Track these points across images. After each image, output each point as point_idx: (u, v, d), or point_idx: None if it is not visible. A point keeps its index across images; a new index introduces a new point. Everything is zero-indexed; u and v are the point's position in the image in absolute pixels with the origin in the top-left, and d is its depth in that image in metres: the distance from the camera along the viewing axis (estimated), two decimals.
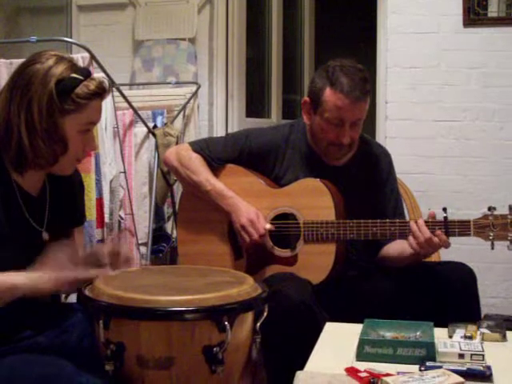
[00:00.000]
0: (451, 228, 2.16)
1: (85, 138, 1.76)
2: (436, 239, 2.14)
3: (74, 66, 1.73)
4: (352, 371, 1.63)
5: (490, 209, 2.15)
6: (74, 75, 1.69)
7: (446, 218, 2.17)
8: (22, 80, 1.68)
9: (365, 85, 2.25)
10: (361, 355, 1.73)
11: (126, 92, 3.39)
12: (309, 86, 2.39)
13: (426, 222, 2.18)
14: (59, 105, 1.67)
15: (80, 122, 1.72)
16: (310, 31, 5.51)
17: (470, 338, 1.82)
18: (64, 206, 1.86)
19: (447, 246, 2.18)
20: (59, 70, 1.68)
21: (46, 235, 1.78)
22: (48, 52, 1.73)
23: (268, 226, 2.29)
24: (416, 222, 2.17)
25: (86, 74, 1.73)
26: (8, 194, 1.71)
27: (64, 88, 1.67)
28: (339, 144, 2.28)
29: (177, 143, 3.45)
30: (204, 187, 2.37)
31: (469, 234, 2.16)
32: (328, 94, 2.24)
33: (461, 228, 2.16)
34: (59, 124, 1.69)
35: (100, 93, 1.74)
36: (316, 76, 2.32)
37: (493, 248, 2.15)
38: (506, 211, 2.14)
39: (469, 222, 2.16)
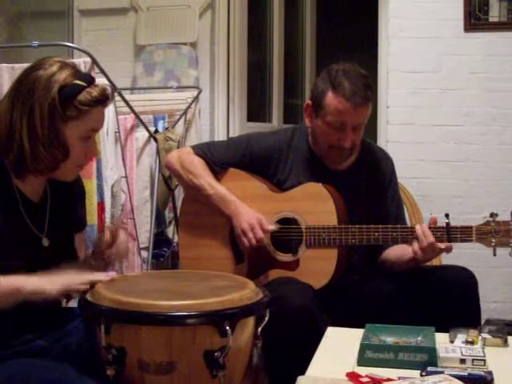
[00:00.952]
0: (453, 234, 2.16)
1: (86, 144, 1.76)
2: (439, 244, 2.15)
3: (77, 73, 1.73)
4: (353, 376, 1.63)
5: (492, 215, 2.15)
6: (77, 82, 1.69)
7: (448, 223, 2.17)
8: (25, 86, 1.69)
9: (367, 90, 2.25)
10: (362, 360, 1.73)
11: (128, 96, 3.39)
12: (311, 89, 2.39)
13: (427, 228, 2.18)
14: (61, 111, 1.67)
15: (82, 129, 1.72)
16: (312, 36, 5.53)
17: (472, 343, 1.82)
18: (64, 212, 1.86)
19: (449, 250, 2.18)
20: (62, 76, 1.68)
21: (46, 241, 1.78)
22: (52, 58, 1.73)
23: (271, 226, 2.29)
24: (421, 226, 2.17)
25: (90, 80, 1.73)
26: (9, 199, 1.71)
27: (67, 94, 1.67)
28: (340, 147, 2.28)
29: (178, 148, 3.45)
30: (205, 191, 2.37)
31: (471, 240, 2.16)
32: (330, 97, 2.24)
33: (463, 234, 2.16)
34: (61, 130, 1.69)
35: (103, 100, 1.74)
36: (319, 79, 2.32)
37: (495, 254, 2.15)
38: (507, 216, 2.14)
39: (471, 228, 2.16)
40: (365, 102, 2.25)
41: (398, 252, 2.32)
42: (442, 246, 2.15)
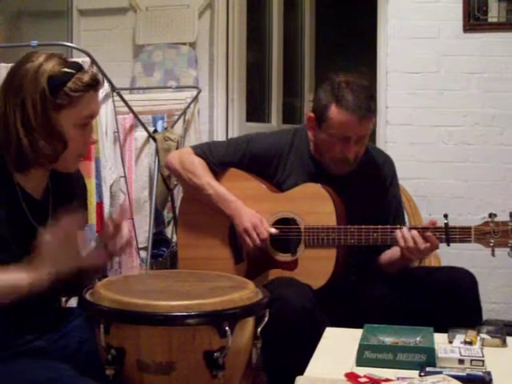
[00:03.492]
0: (452, 234, 2.17)
1: (84, 132, 1.75)
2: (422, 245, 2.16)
3: (64, 61, 1.71)
4: (352, 376, 1.63)
5: (490, 215, 2.16)
6: (66, 69, 1.69)
7: (446, 224, 2.17)
8: (15, 80, 1.68)
9: (370, 102, 2.26)
10: (361, 360, 1.73)
11: (127, 96, 3.39)
12: (313, 101, 2.38)
13: (426, 228, 2.19)
14: (53, 100, 1.66)
15: (76, 116, 1.71)
16: (311, 36, 5.52)
17: (470, 343, 1.82)
18: (67, 208, 1.85)
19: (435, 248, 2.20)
20: (50, 66, 1.68)
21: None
22: (38, 51, 1.73)
23: (273, 230, 2.29)
24: (401, 231, 2.18)
25: (78, 67, 1.72)
26: (11, 196, 1.71)
27: (56, 83, 1.66)
28: (344, 159, 2.28)
29: (177, 148, 3.45)
30: (206, 191, 2.37)
31: (470, 241, 2.17)
32: (333, 111, 2.24)
33: (462, 234, 2.17)
34: (55, 119, 1.68)
35: (93, 84, 1.72)
36: (321, 91, 2.31)
37: (493, 255, 2.15)
38: (506, 217, 2.14)
39: (470, 228, 2.17)
40: (368, 114, 2.25)
41: (388, 253, 2.33)
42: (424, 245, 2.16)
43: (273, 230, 2.29)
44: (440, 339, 1.87)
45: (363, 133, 2.27)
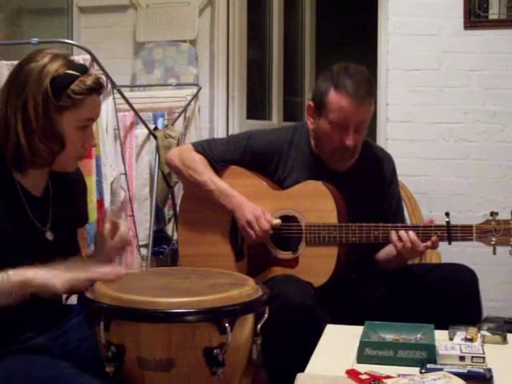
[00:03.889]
0: (454, 233, 2.16)
1: (84, 134, 1.75)
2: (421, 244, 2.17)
3: (69, 63, 1.71)
4: (353, 373, 1.63)
5: (492, 214, 2.15)
6: (70, 71, 1.68)
7: (448, 222, 2.17)
8: (18, 79, 1.68)
9: (369, 87, 2.25)
10: (361, 357, 1.73)
11: (127, 94, 3.39)
12: (313, 90, 2.38)
13: (429, 226, 2.19)
14: (55, 102, 1.66)
15: (77, 119, 1.71)
16: (311, 33, 5.52)
17: (471, 340, 1.82)
18: (67, 205, 1.85)
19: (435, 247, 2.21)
20: (54, 67, 1.67)
21: (49, 235, 1.78)
22: (44, 50, 1.71)
23: (275, 220, 2.28)
24: (397, 232, 2.19)
25: (83, 70, 1.71)
26: (11, 194, 1.71)
27: (59, 85, 1.66)
28: (343, 147, 2.27)
29: (177, 145, 3.45)
30: (207, 187, 2.37)
31: (471, 239, 2.16)
32: (332, 95, 2.23)
33: (463, 233, 2.16)
34: (56, 121, 1.68)
35: (96, 88, 1.72)
36: (320, 80, 2.31)
37: (495, 253, 2.15)
38: (506, 214, 2.14)
39: (471, 227, 2.16)
40: (368, 97, 2.24)
41: (386, 250, 2.33)
42: (424, 244, 2.17)
43: (275, 221, 2.28)
44: (441, 336, 1.87)
45: (362, 117, 2.25)
